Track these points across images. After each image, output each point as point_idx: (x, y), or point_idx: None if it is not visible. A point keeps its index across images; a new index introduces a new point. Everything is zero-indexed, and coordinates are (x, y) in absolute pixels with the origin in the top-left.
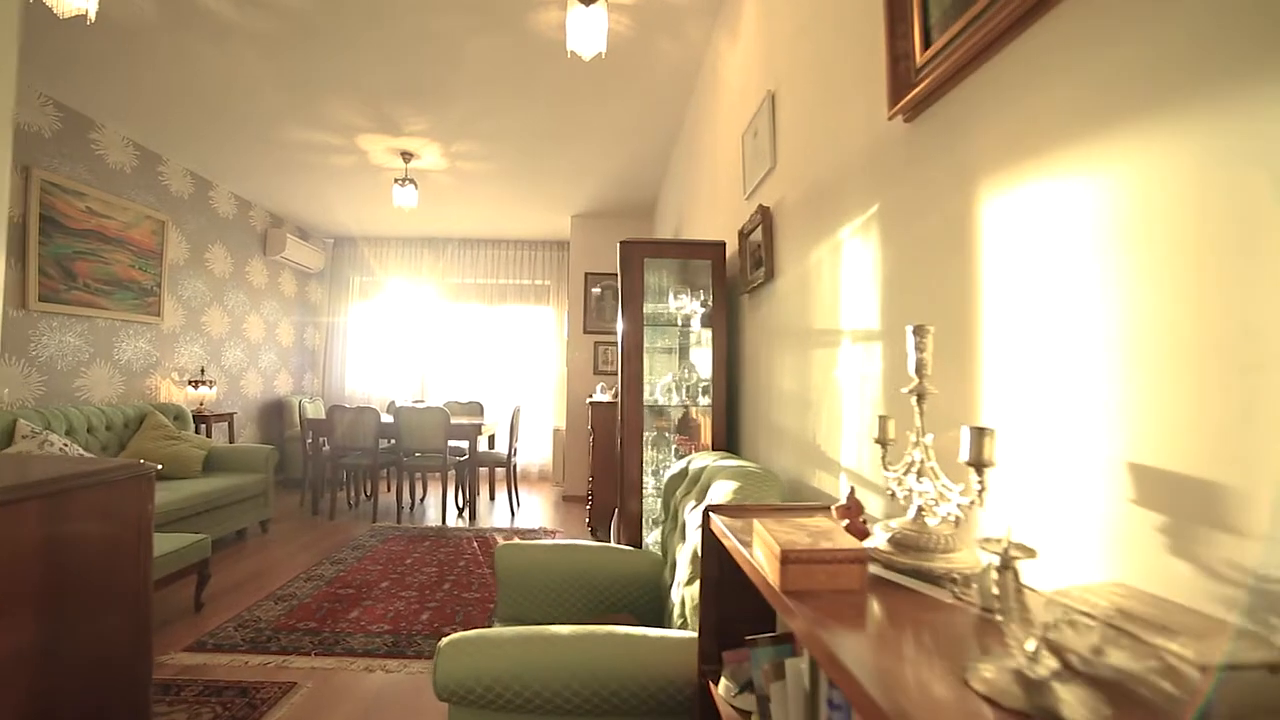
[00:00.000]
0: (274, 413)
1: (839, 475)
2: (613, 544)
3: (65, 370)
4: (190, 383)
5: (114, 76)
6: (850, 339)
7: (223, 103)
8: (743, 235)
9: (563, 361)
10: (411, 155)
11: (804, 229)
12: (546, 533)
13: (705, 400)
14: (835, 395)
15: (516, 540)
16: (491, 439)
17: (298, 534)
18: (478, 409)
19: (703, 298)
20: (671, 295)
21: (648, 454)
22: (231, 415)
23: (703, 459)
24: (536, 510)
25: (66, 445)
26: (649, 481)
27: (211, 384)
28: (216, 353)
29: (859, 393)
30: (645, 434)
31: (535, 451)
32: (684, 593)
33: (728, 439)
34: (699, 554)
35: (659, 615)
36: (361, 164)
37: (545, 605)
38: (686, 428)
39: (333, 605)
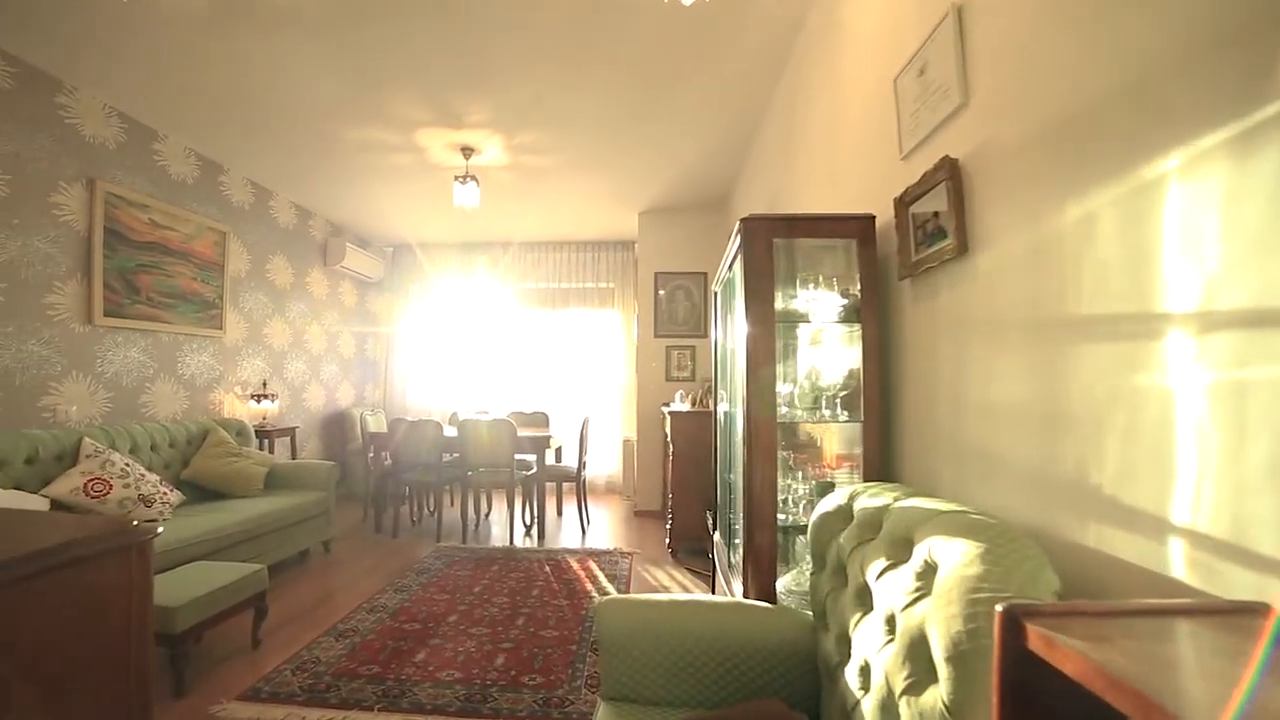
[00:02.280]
0: (336, 426)
1: (1165, 541)
2: (740, 597)
3: (130, 386)
4: (253, 397)
5: (172, 82)
6: (1192, 328)
7: (279, 104)
8: (902, 204)
9: (631, 368)
10: (472, 150)
11: (1044, 177)
12: (622, 554)
13: (832, 413)
14: (1151, 413)
15: (619, 595)
16: (559, 452)
17: (360, 555)
18: (543, 420)
19: (837, 286)
20: (798, 284)
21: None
22: (294, 429)
23: (872, 496)
24: (608, 527)
25: (129, 465)
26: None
27: (274, 398)
28: (278, 365)
29: (1234, 411)
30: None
31: (603, 463)
32: (901, 701)
33: (883, 463)
34: (934, 653)
35: (815, 700)
36: (420, 163)
37: (664, 681)
38: (803, 445)
39: (397, 644)
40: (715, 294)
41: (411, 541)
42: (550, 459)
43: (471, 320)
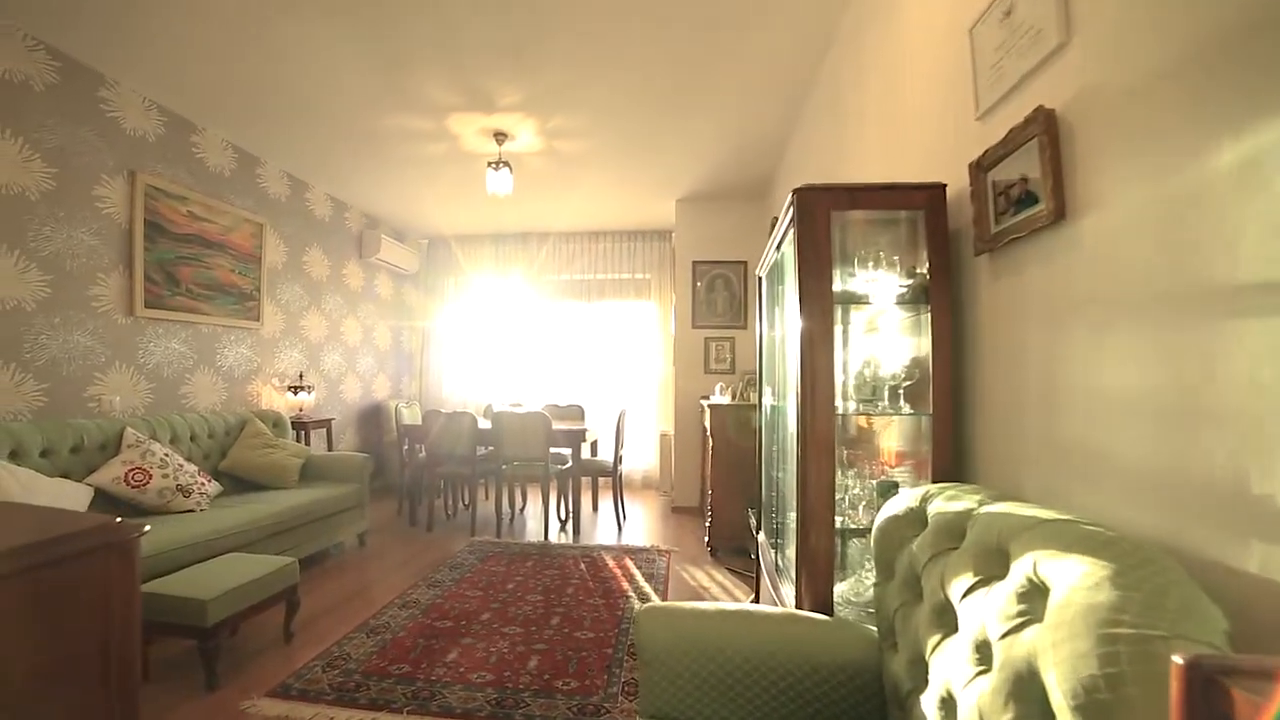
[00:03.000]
0: (372, 418)
1: None
2: (791, 607)
3: (171, 377)
4: (289, 388)
5: (209, 73)
6: None
7: (312, 92)
8: (979, 169)
9: (668, 360)
10: (505, 136)
11: (1179, 116)
12: (659, 553)
13: (894, 406)
14: None
15: (660, 604)
16: (594, 445)
17: (394, 548)
18: (578, 413)
19: (899, 265)
20: (856, 263)
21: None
22: (330, 421)
23: (950, 499)
24: (644, 524)
25: (168, 455)
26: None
27: (310, 389)
28: (315, 357)
29: None
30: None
31: (638, 457)
32: None
33: (953, 461)
34: (1053, 698)
35: None
36: (453, 151)
37: (709, 700)
38: (857, 440)
39: (429, 642)
40: (760, 279)
41: (445, 535)
42: (585, 453)
43: (506, 312)
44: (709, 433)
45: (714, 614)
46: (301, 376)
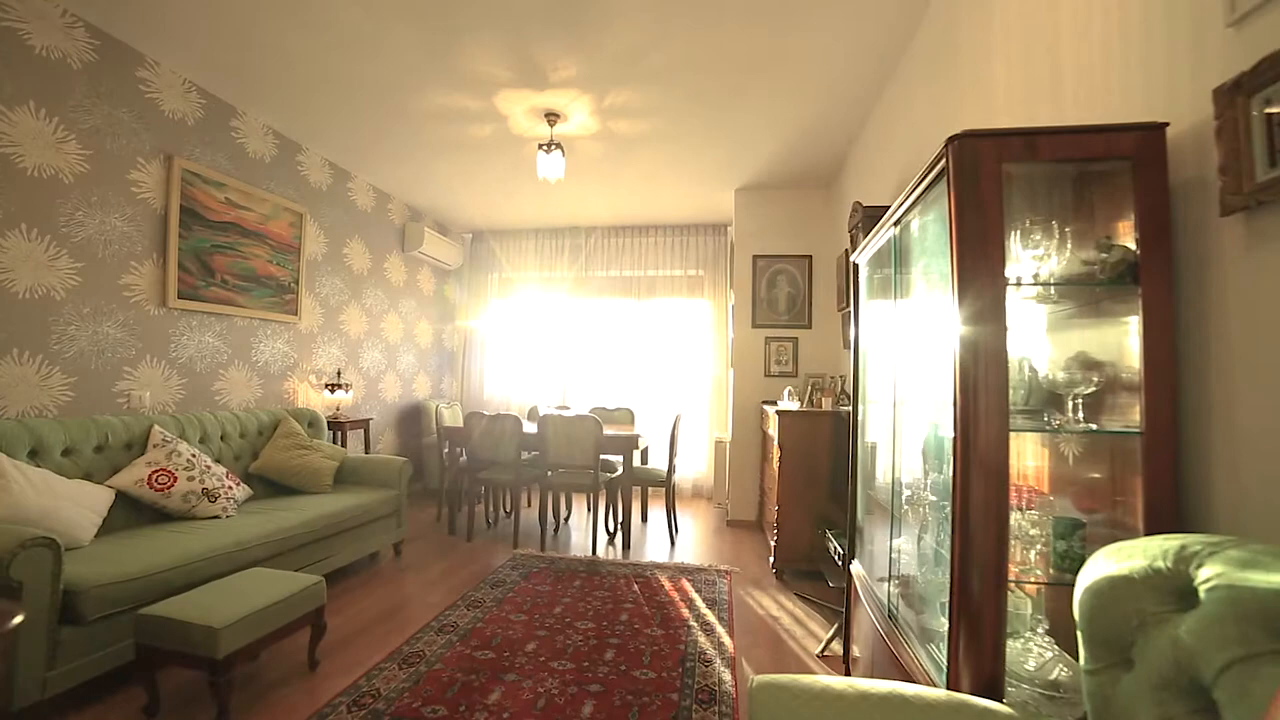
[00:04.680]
0: (412, 419)
1: None
2: (942, 686)
3: (204, 372)
4: (327, 386)
5: (250, 51)
6: None
7: (354, 71)
8: (1234, 94)
9: (723, 361)
10: (557, 116)
11: None
12: (719, 573)
13: (1077, 419)
14: None
15: (778, 679)
16: (645, 453)
17: (433, 559)
18: (627, 416)
19: (1072, 236)
20: (1018, 238)
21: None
22: (368, 421)
23: (1247, 566)
24: (698, 538)
25: (195, 455)
26: (905, 547)
27: (348, 388)
28: (354, 354)
29: None
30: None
31: (689, 464)
32: None
33: (1175, 495)
34: None
35: None
36: (501, 134)
37: None
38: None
39: (467, 677)
40: (854, 267)
41: (486, 545)
42: (635, 460)
43: (552, 310)
44: (777, 442)
45: (854, 697)
46: (340, 374)
